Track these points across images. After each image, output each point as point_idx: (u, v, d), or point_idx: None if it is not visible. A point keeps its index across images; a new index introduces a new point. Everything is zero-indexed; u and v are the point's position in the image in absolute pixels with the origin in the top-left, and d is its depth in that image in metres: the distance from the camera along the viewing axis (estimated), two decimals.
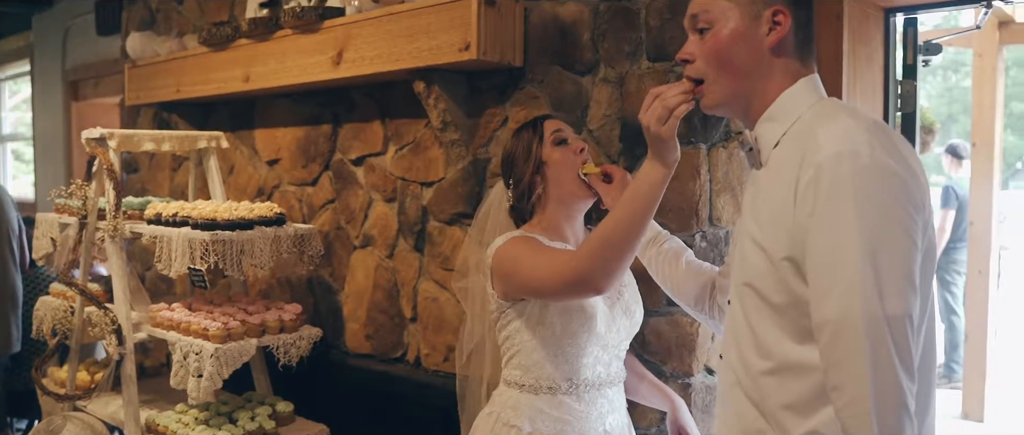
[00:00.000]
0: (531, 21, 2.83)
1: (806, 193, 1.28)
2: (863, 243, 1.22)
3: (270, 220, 2.79)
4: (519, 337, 2.04)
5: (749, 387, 1.40)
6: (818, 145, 1.29)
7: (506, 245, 2.00)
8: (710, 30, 1.41)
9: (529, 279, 1.92)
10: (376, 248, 3.36)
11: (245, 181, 3.92)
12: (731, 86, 1.43)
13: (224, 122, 3.96)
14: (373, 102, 3.36)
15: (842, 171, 1.25)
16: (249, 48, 3.46)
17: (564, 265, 1.84)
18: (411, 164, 3.22)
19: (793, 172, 1.32)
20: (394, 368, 3.27)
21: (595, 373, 2.10)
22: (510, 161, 2.18)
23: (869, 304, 1.20)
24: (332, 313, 3.52)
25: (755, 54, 1.40)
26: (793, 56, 1.43)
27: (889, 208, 1.24)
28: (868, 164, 1.24)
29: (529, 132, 2.16)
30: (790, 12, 1.40)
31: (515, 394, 2.06)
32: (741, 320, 1.43)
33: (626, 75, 2.62)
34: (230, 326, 2.67)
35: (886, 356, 1.20)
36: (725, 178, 2.60)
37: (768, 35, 1.40)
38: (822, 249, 1.26)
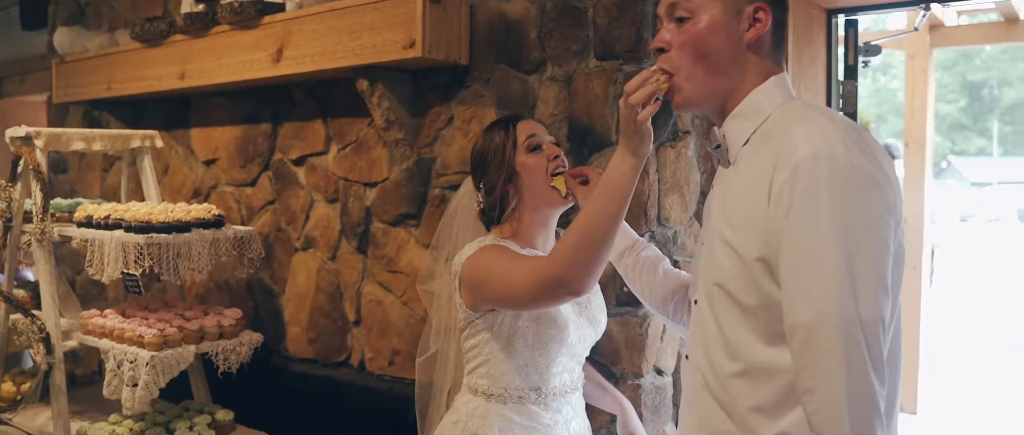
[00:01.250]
0: (477, 19, 2.78)
1: (781, 193, 1.26)
2: (839, 245, 1.21)
3: (208, 222, 2.70)
4: (488, 347, 1.98)
5: (717, 389, 1.38)
6: (794, 145, 1.27)
7: (476, 254, 1.92)
8: (690, 19, 1.38)
9: (502, 288, 1.84)
10: (318, 250, 3.28)
11: (181, 182, 3.79)
12: (704, 80, 1.40)
13: (158, 121, 3.83)
14: (314, 100, 3.28)
15: (819, 172, 1.23)
16: (185, 44, 3.34)
17: (539, 270, 1.76)
18: (354, 164, 3.15)
19: (767, 172, 1.30)
20: (338, 372, 3.20)
21: (562, 381, 2.06)
22: (481, 164, 2.06)
23: (844, 307, 1.19)
24: (273, 317, 3.43)
25: (732, 49, 1.38)
26: (767, 54, 1.42)
27: (864, 210, 1.23)
28: (845, 166, 1.23)
29: (501, 134, 2.03)
30: (771, 10, 1.39)
31: (482, 403, 2.00)
32: (710, 321, 1.41)
33: (573, 74, 2.60)
34: (167, 333, 2.57)
35: (860, 359, 1.19)
36: (673, 178, 2.59)
37: (747, 31, 1.38)
38: (797, 251, 1.24)
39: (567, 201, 2.02)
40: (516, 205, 2.03)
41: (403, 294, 3.01)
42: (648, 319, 2.52)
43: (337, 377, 3.16)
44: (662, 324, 2.60)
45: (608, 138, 2.53)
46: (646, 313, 2.52)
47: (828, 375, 1.19)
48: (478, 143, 2.08)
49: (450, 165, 2.86)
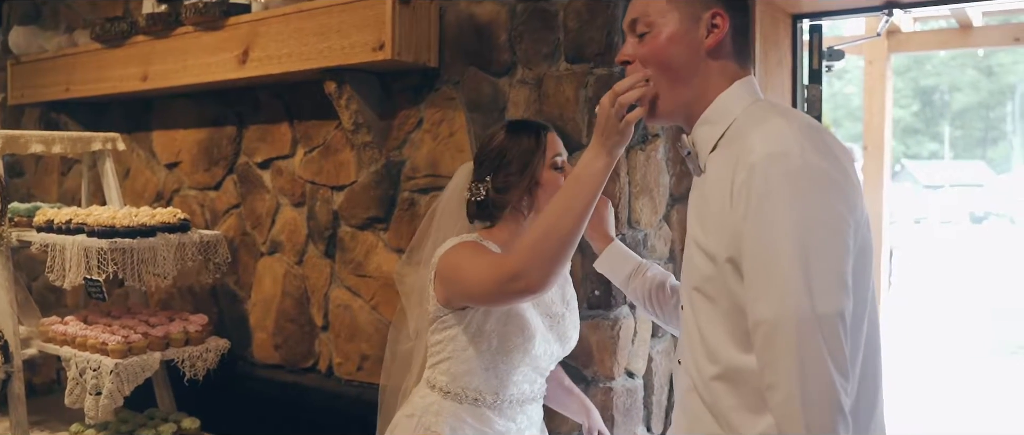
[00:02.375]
0: (446, 21, 2.77)
1: (739, 195, 1.28)
2: (794, 244, 1.22)
3: (173, 226, 2.64)
4: (453, 345, 1.97)
5: (702, 391, 1.39)
6: (750, 147, 1.29)
7: (454, 249, 1.91)
8: (649, 33, 1.41)
9: (468, 282, 1.84)
10: (284, 254, 3.24)
11: (142, 185, 3.72)
12: (671, 90, 1.42)
13: (118, 123, 3.75)
14: (280, 103, 3.24)
15: (773, 172, 1.25)
16: (147, 45, 3.28)
17: (500, 266, 1.75)
18: (321, 167, 3.11)
19: (729, 175, 1.32)
20: (305, 378, 3.16)
21: (521, 391, 2.06)
22: (499, 160, 1.98)
23: (800, 304, 1.20)
24: (238, 322, 3.38)
25: (693, 57, 1.40)
26: (730, 59, 1.43)
27: (820, 209, 1.24)
28: (799, 165, 1.24)
29: (531, 141, 1.98)
30: (728, 15, 1.40)
31: (438, 399, 2.00)
32: (692, 325, 1.42)
33: (544, 77, 2.60)
34: (131, 339, 2.52)
35: (816, 355, 1.20)
36: (643, 180, 2.60)
37: (706, 38, 1.40)
38: (755, 250, 1.26)
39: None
40: (518, 213, 2.00)
41: (372, 298, 2.98)
42: (620, 322, 2.52)
43: (304, 383, 3.12)
44: (634, 327, 2.60)
45: (579, 141, 2.54)
46: (618, 316, 2.53)
47: (787, 371, 1.21)
48: (499, 138, 2.00)
49: (419, 168, 2.84)
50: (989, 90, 21.27)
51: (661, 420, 2.75)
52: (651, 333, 2.69)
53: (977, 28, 5.48)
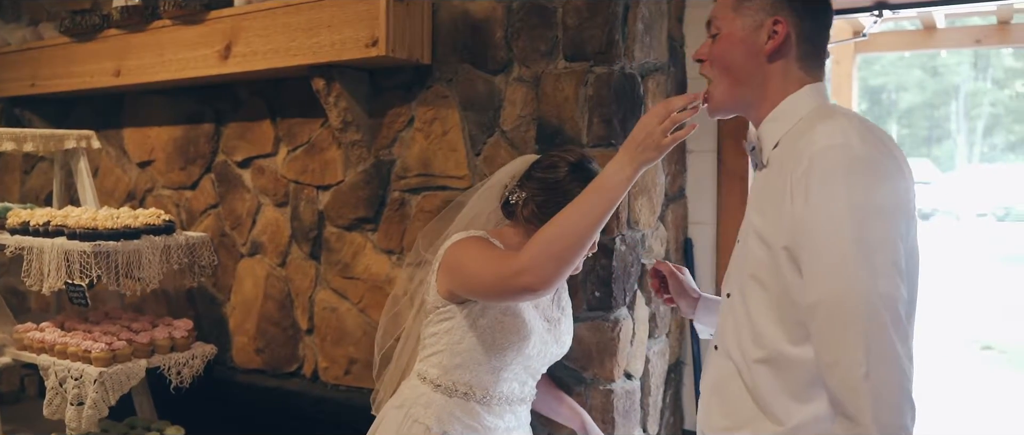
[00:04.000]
0: (439, 17, 2.71)
1: (798, 185, 1.32)
2: (853, 226, 1.25)
3: (158, 228, 2.54)
4: (448, 338, 1.97)
5: (745, 375, 1.41)
6: (811, 140, 1.34)
7: (461, 242, 1.92)
8: (719, 35, 1.49)
9: (471, 277, 1.84)
10: (266, 256, 3.15)
11: (112, 185, 3.59)
12: (730, 89, 1.50)
13: (87, 119, 3.61)
14: (262, 100, 3.14)
15: (834, 160, 1.30)
16: (120, 39, 3.16)
17: (507, 261, 1.76)
18: (305, 166, 3.03)
19: (789, 168, 1.36)
20: (288, 383, 3.07)
21: (511, 389, 2.06)
22: (549, 193, 1.96)
23: (863, 282, 1.22)
24: (216, 326, 3.27)
25: (753, 60, 1.46)
26: (794, 63, 1.48)
27: (876, 196, 1.28)
28: (860, 155, 1.29)
29: (579, 182, 1.92)
30: (790, 22, 1.46)
31: (428, 391, 2.00)
32: (740, 311, 1.44)
33: (542, 75, 2.55)
34: (116, 347, 2.41)
35: (883, 332, 1.21)
36: (641, 181, 2.57)
37: (766, 43, 1.46)
38: (815, 235, 1.29)
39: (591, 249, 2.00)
40: (532, 224, 1.98)
41: (360, 301, 2.91)
42: (620, 323, 2.49)
43: (288, 388, 3.03)
44: (632, 328, 2.58)
45: (579, 140, 2.50)
46: (617, 317, 2.50)
47: (852, 346, 1.22)
48: (562, 173, 1.97)
49: (411, 167, 2.77)
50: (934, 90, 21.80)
51: (657, 421, 2.73)
52: (648, 334, 2.67)
53: (940, 30, 5.58)
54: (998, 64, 20.75)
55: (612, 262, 2.47)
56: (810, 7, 1.47)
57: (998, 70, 21.07)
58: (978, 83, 21.45)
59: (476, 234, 1.97)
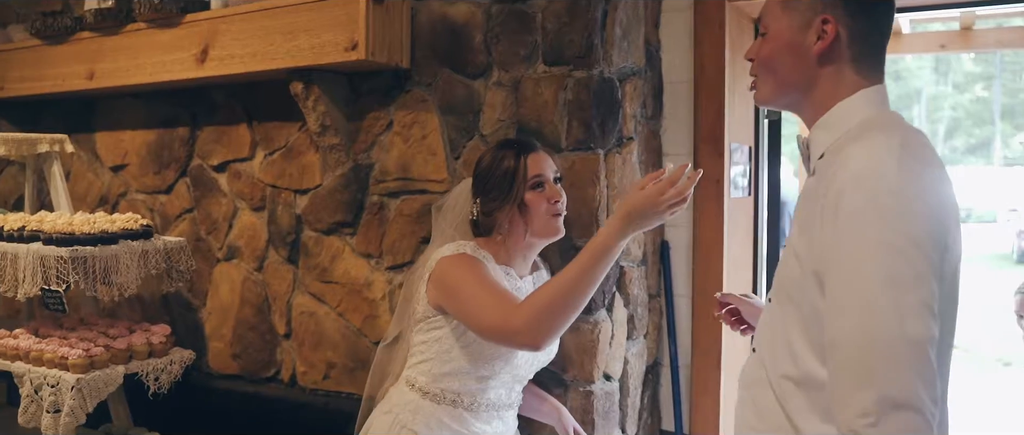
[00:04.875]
0: (418, 21, 2.72)
1: (828, 211, 1.25)
2: (883, 264, 1.17)
3: (136, 233, 2.52)
4: (438, 346, 1.99)
5: (776, 388, 1.37)
6: (845, 162, 1.26)
7: (454, 260, 1.92)
8: (767, 35, 1.41)
9: (468, 310, 1.86)
10: (243, 260, 3.13)
11: (84, 189, 3.54)
12: (775, 90, 1.43)
13: (57, 123, 3.56)
14: (238, 103, 3.13)
15: (865, 190, 1.21)
16: (94, 42, 3.12)
17: (507, 316, 1.78)
18: (283, 170, 3.02)
19: (824, 187, 1.28)
20: (266, 388, 3.06)
21: (498, 396, 2.08)
22: (485, 181, 2.05)
23: (889, 327, 1.15)
24: (192, 331, 3.25)
25: (801, 63, 1.37)
26: (847, 66, 1.36)
27: (912, 229, 1.19)
28: (893, 186, 1.20)
29: (511, 160, 2.01)
30: (841, 21, 1.34)
31: (416, 398, 2.01)
32: (778, 320, 1.37)
33: (521, 79, 2.57)
34: (93, 353, 2.38)
35: (902, 380, 1.14)
36: (620, 184, 2.60)
37: (816, 44, 1.36)
38: (841, 268, 1.22)
39: (559, 233, 2.06)
40: (509, 230, 2.03)
41: (338, 305, 2.90)
42: (599, 325, 2.51)
43: (266, 393, 3.02)
44: (611, 330, 2.60)
45: (558, 144, 2.52)
46: (597, 319, 2.52)
47: (863, 392, 1.15)
48: (486, 159, 2.07)
49: (389, 171, 2.78)
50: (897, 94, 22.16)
51: (635, 422, 2.76)
52: (627, 335, 2.69)
53: (905, 35, 5.69)
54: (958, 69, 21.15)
55: None
56: (864, 4, 1.35)
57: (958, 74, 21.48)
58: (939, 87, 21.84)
59: (466, 249, 1.98)
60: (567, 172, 2.51)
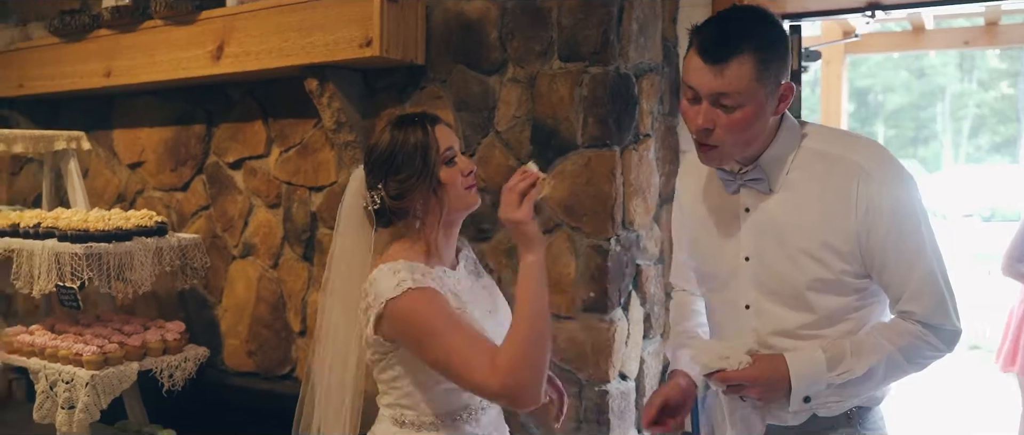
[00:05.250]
0: (433, 18, 2.70)
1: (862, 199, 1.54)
2: (922, 217, 1.57)
3: (150, 230, 2.51)
4: (411, 376, 1.76)
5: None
6: (856, 159, 1.56)
7: (406, 299, 1.66)
8: (738, 108, 1.51)
9: (445, 362, 1.65)
10: (258, 258, 3.13)
11: (102, 186, 3.56)
12: (743, 148, 1.58)
13: (76, 120, 3.58)
14: (254, 100, 3.12)
15: (895, 176, 1.56)
16: (110, 39, 3.13)
17: (490, 375, 1.59)
18: (298, 167, 3.01)
19: (834, 183, 1.56)
20: (281, 386, 3.05)
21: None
22: (390, 163, 1.77)
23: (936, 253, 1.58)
24: (208, 328, 3.25)
25: (765, 119, 1.56)
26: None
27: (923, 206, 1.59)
28: (907, 173, 1.57)
29: (419, 135, 1.77)
30: (792, 82, 1.56)
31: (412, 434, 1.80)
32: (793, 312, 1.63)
33: (537, 75, 2.55)
34: (107, 350, 2.38)
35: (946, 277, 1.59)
36: (636, 181, 2.57)
37: (778, 105, 1.56)
38: (897, 252, 1.54)
39: (477, 201, 1.83)
40: (424, 215, 1.80)
41: None
42: (614, 324, 2.49)
43: (281, 391, 3.02)
44: (627, 329, 2.57)
45: (574, 141, 2.49)
46: (612, 318, 2.49)
47: (941, 291, 1.57)
48: (384, 138, 1.79)
49: None
50: (920, 91, 21.93)
51: None
52: (643, 335, 2.67)
53: (929, 31, 5.61)
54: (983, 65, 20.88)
55: (607, 263, 2.47)
56: (789, 59, 1.58)
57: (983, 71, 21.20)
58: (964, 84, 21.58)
59: (407, 279, 1.70)
60: (583, 169, 2.49)
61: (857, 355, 1.56)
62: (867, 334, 1.60)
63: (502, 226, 2.61)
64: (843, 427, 1.63)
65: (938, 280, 1.56)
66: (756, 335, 1.67)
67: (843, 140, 1.64)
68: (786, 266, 1.61)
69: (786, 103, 1.57)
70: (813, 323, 1.61)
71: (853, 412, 1.63)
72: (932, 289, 1.56)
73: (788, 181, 1.62)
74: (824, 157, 1.60)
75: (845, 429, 1.63)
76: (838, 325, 1.61)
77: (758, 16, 1.54)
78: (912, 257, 1.55)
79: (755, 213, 1.64)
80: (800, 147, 1.62)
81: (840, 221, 1.56)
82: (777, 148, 1.61)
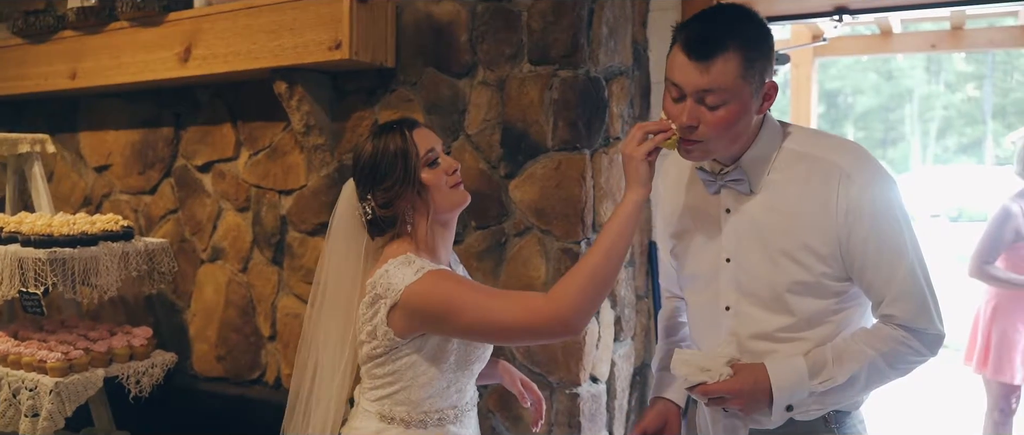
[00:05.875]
0: (403, 21, 2.69)
1: (842, 201, 1.53)
2: (902, 217, 1.56)
3: (116, 234, 2.48)
4: (411, 371, 1.80)
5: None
6: (837, 163, 1.55)
7: (424, 282, 1.71)
8: (723, 106, 1.50)
9: (480, 322, 1.68)
10: (227, 262, 3.10)
11: (68, 190, 3.51)
12: (728, 146, 1.57)
13: (40, 123, 3.53)
14: (222, 103, 3.10)
15: (879, 185, 1.54)
16: (76, 41, 3.09)
17: (538, 309, 1.63)
18: (267, 170, 2.99)
19: (815, 185, 1.55)
20: (251, 391, 3.03)
21: (473, 393, 1.98)
22: (374, 175, 1.80)
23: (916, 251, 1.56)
24: (176, 333, 3.22)
25: (750, 117, 1.54)
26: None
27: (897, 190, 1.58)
28: (888, 175, 1.56)
29: (399, 141, 1.81)
30: (771, 76, 1.55)
31: (400, 431, 1.82)
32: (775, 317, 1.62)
33: (507, 78, 2.55)
34: (72, 356, 2.35)
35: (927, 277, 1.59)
36: (606, 184, 2.58)
37: (762, 104, 1.55)
38: (879, 232, 1.53)
39: (467, 199, 1.85)
40: (413, 218, 1.83)
41: None
42: (585, 328, 2.49)
43: (251, 395, 2.99)
44: (598, 332, 2.58)
45: (543, 144, 2.50)
46: None
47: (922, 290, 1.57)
48: (366, 148, 1.82)
49: None
50: (889, 93, 22.23)
51: (623, 424, 2.74)
52: (614, 338, 2.67)
53: (896, 35, 5.68)
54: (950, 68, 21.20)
55: None
56: (772, 58, 1.57)
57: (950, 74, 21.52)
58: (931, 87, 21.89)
59: (428, 268, 1.76)
60: (553, 172, 2.49)
61: (839, 362, 1.55)
62: (848, 340, 1.59)
63: (472, 228, 2.61)
64: (821, 431, 1.62)
65: (920, 283, 1.56)
66: (736, 339, 1.65)
67: (824, 142, 1.62)
68: (766, 268, 1.60)
69: (770, 102, 1.56)
70: (792, 326, 1.60)
71: (830, 416, 1.61)
72: (914, 292, 1.55)
73: (769, 182, 1.61)
74: (805, 159, 1.58)
75: (823, 433, 1.62)
76: (818, 328, 1.60)
77: (743, 14, 1.53)
78: (894, 259, 1.54)
79: (736, 214, 1.63)
80: (781, 148, 1.61)
81: (821, 223, 1.55)
82: (759, 149, 1.60)
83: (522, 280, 2.54)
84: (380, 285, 1.75)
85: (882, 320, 1.58)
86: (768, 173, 1.60)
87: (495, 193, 2.58)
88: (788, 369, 1.57)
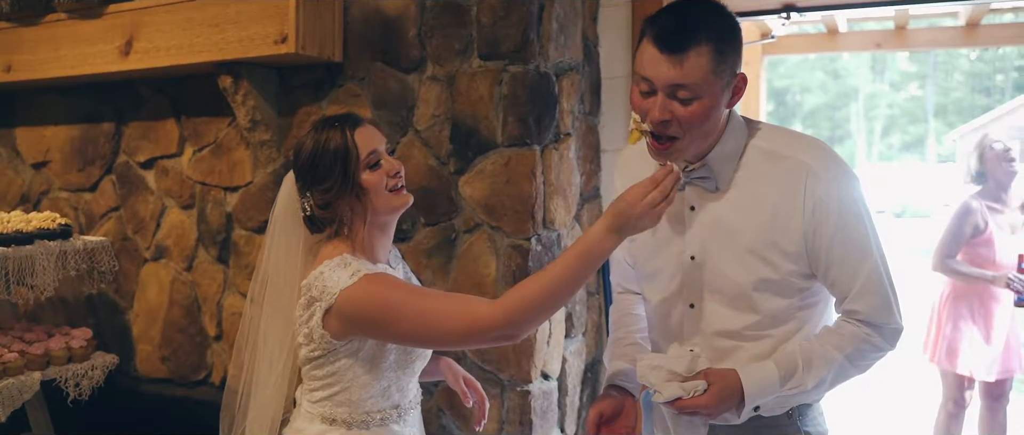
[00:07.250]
0: (351, 15, 2.65)
1: (811, 198, 1.53)
2: (866, 216, 1.55)
3: (53, 232, 2.41)
4: (350, 373, 1.76)
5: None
6: (804, 161, 1.54)
7: (360, 286, 1.66)
8: (696, 100, 1.49)
9: (418, 329, 1.65)
10: (171, 260, 3.03)
11: (5, 187, 3.40)
12: (701, 141, 1.55)
13: None
14: (165, 98, 3.03)
15: (845, 183, 1.54)
16: (11, 32, 2.99)
17: (486, 316, 1.59)
18: (212, 167, 2.93)
19: (782, 183, 1.55)
20: (196, 392, 2.97)
21: (416, 392, 1.95)
22: (313, 173, 1.75)
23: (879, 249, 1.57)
24: (119, 334, 3.13)
25: (722, 112, 1.54)
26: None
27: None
28: (852, 173, 1.57)
29: (338, 140, 1.74)
30: (740, 70, 1.54)
31: (343, 432, 1.77)
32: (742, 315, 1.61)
33: (456, 74, 2.53)
34: (6, 359, 2.27)
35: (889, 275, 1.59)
36: (557, 180, 2.57)
37: (732, 97, 1.53)
38: (847, 249, 1.54)
39: (408, 200, 1.80)
40: (351, 220, 1.78)
41: None
42: None
43: (196, 397, 2.93)
44: (549, 329, 2.57)
45: (493, 140, 2.48)
46: None
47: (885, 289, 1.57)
48: (307, 144, 1.76)
49: None
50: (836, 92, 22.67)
51: (574, 421, 2.74)
52: (565, 334, 2.67)
53: (842, 34, 5.78)
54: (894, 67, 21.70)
55: (527, 262, 2.46)
56: (741, 52, 1.55)
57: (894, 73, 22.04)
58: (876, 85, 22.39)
59: (366, 271, 1.71)
60: (503, 168, 2.48)
61: (808, 368, 1.56)
62: (816, 344, 1.59)
63: (422, 225, 2.59)
64: (784, 425, 1.63)
65: (883, 279, 1.57)
66: (702, 338, 1.64)
67: (790, 140, 1.62)
68: (733, 266, 1.59)
69: (739, 95, 1.54)
70: (758, 324, 1.61)
71: (793, 410, 1.63)
72: (877, 288, 1.57)
73: (736, 180, 1.61)
74: (772, 156, 1.59)
75: (786, 427, 1.63)
76: (782, 326, 1.61)
77: (713, 7, 1.51)
78: (858, 255, 1.55)
79: (701, 212, 1.62)
80: (748, 146, 1.60)
81: (788, 221, 1.55)
82: (725, 146, 1.59)
83: (472, 277, 2.53)
84: (315, 288, 1.70)
85: (845, 315, 1.59)
86: (735, 171, 1.60)
87: (445, 190, 2.56)
88: (760, 376, 1.57)
